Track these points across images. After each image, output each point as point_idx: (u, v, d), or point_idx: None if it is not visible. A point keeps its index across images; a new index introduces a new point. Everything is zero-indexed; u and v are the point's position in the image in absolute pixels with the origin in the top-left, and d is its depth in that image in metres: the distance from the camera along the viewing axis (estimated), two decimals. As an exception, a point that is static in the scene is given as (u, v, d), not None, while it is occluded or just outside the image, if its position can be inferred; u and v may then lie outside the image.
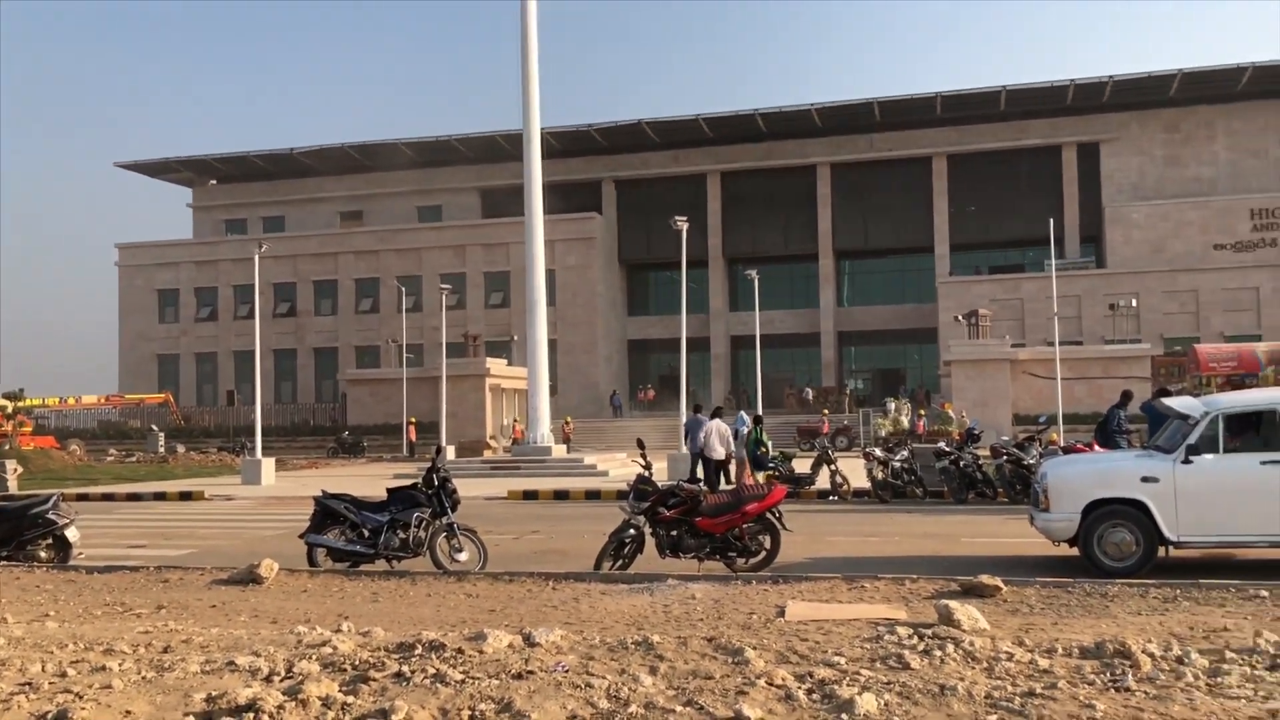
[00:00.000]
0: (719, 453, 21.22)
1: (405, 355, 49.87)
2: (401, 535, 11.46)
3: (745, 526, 11.04)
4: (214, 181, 67.30)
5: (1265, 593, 8.30)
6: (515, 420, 45.52)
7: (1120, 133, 56.01)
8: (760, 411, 25.23)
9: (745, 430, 21.98)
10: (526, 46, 29.09)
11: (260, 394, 32.96)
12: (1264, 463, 10.22)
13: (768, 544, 11.19)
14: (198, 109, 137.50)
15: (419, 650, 6.43)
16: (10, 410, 41.28)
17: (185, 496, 24.53)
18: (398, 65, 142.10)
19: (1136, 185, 55.71)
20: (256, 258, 33.16)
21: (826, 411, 46.63)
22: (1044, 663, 5.92)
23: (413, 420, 45.41)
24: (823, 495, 20.39)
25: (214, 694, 5.36)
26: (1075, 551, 10.86)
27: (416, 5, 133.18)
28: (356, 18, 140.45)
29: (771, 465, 20.50)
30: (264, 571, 9.95)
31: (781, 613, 7.81)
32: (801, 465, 22.07)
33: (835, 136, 59.28)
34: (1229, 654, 6.05)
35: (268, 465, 29.06)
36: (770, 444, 21.54)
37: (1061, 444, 20.94)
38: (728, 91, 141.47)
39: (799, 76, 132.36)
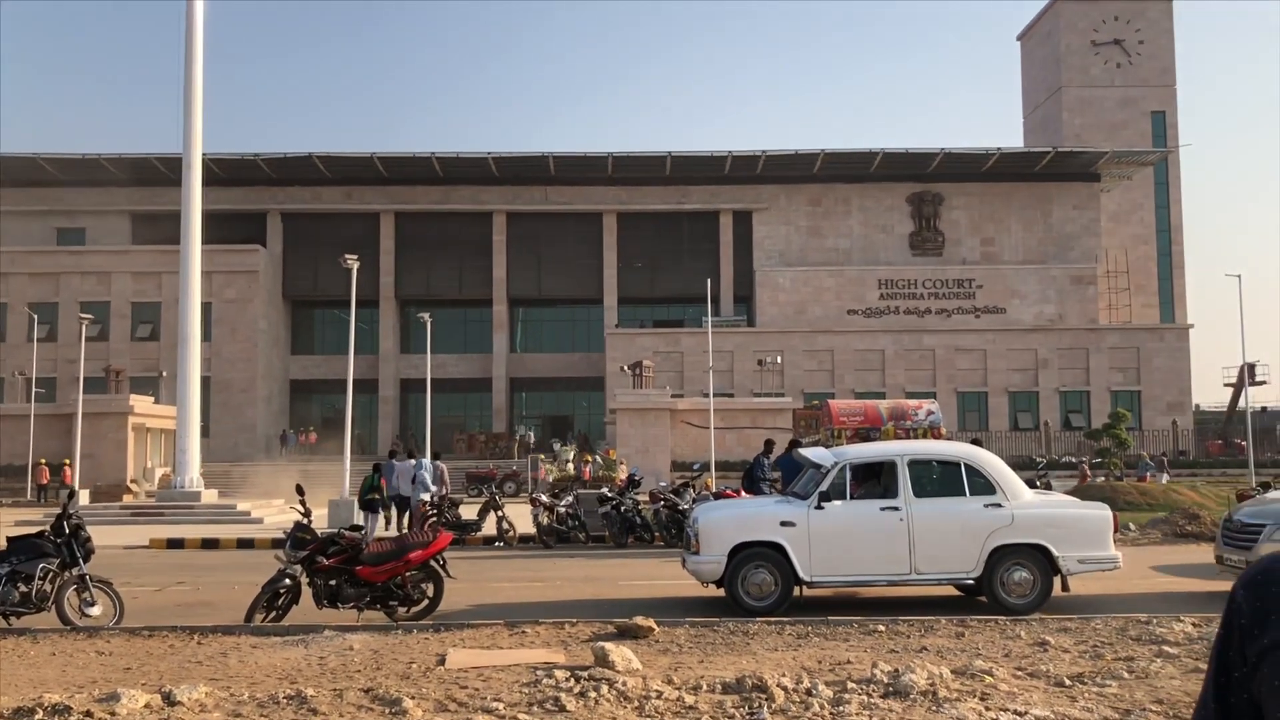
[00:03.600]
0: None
1: (35, 389, 45.12)
2: (23, 589, 10.38)
3: (408, 574, 10.88)
4: None
5: (883, 627, 9.22)
6: (65, 463, 38.77)
7: (771, 203, 60.70)
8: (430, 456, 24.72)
9: (425, 474, 21.90)
10: (190, 65, 27.56)
11: None
12: (883, 509, 11.35)
13: (431, 592, 11.08)
14: None
15: (40, 715, 5.87)
16: None
17: None
18: (38, 75, 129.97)
19: (784, 252, 60.51)
20: None
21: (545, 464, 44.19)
22: (690, 699, 6.28)
23: (42, 461, 41.08)
24: (489, 542, 20.46)
25: None
26: (723, 592, 11.55)
27: (66, 8, 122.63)
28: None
29: (438, 511, 20.35)
30: None
31: (442, 661, 7.79)
32: (470, 511, 22.08)
33: (512, 186, 60.20)
34: (850, 684, 6.68)
35: None
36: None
37: (714, 490, 22.20)
38: (405, 133, 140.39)
39: (481, 125, 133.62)
